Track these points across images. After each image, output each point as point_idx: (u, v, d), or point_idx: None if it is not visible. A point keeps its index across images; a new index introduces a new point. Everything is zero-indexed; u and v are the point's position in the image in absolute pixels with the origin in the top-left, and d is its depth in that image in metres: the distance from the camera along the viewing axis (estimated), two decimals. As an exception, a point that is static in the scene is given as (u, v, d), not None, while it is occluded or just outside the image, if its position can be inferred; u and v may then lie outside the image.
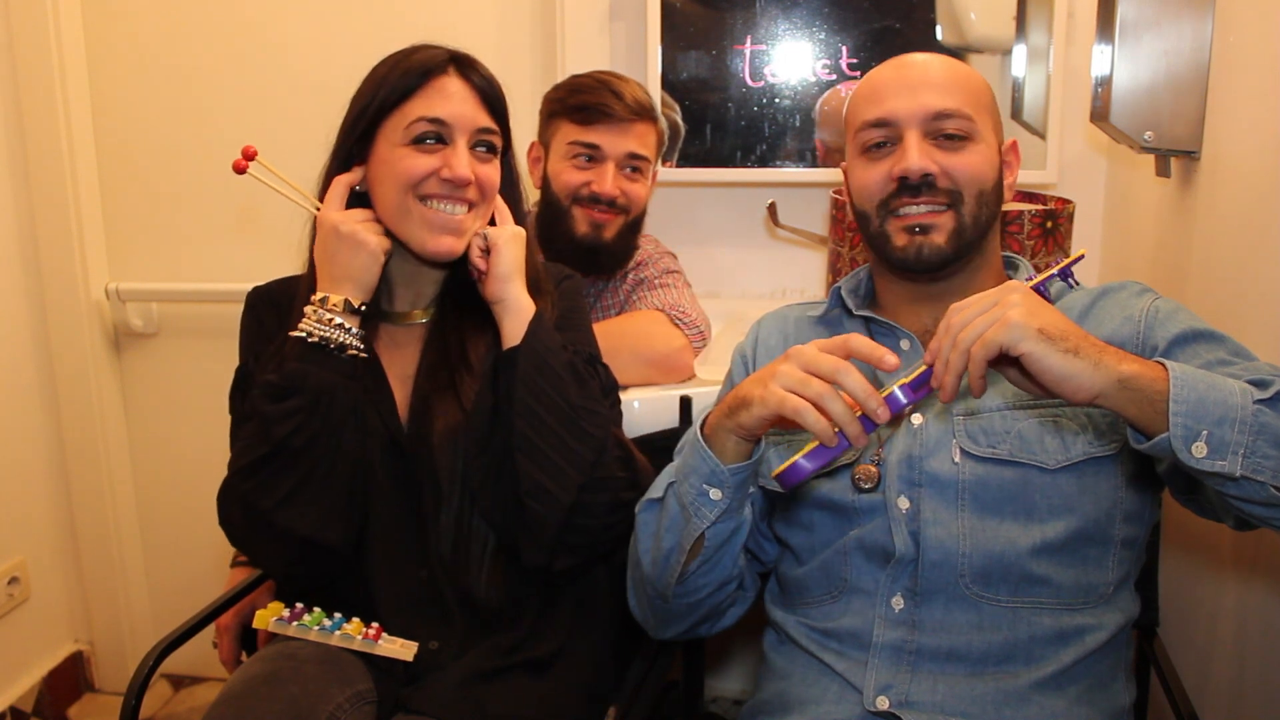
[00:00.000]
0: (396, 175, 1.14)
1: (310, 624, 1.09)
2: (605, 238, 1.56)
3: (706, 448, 0.98)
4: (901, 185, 1.07)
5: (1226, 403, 0.81)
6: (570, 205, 1.55)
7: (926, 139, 1.07)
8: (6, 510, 2.06)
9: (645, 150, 1.57)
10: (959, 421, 1.05)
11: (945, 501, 1.02)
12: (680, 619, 1.12)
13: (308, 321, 1.12)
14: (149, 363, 2.22)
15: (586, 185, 1.54)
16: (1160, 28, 1.33)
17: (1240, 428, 0.80)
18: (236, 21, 2.05)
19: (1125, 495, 1.03)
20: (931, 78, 1.08)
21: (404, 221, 1.16)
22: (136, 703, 1.17)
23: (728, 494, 0.99)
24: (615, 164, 1.54)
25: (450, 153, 1.14)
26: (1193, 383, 0.81)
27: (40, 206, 2.07)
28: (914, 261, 1.08)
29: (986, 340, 0.83)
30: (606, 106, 1.52)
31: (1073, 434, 1.02)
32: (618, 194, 1.54)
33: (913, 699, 0.99)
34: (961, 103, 1.07)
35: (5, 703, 2.04)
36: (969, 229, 1.07)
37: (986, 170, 1.08)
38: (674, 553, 1.03)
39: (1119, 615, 1.04)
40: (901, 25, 1.80)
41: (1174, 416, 0.80)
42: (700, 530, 1.00)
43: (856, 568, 1.06)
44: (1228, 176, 1.28)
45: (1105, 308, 1.07)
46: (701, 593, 1.07)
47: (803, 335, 1.19)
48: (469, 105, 1.15)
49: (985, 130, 1.09)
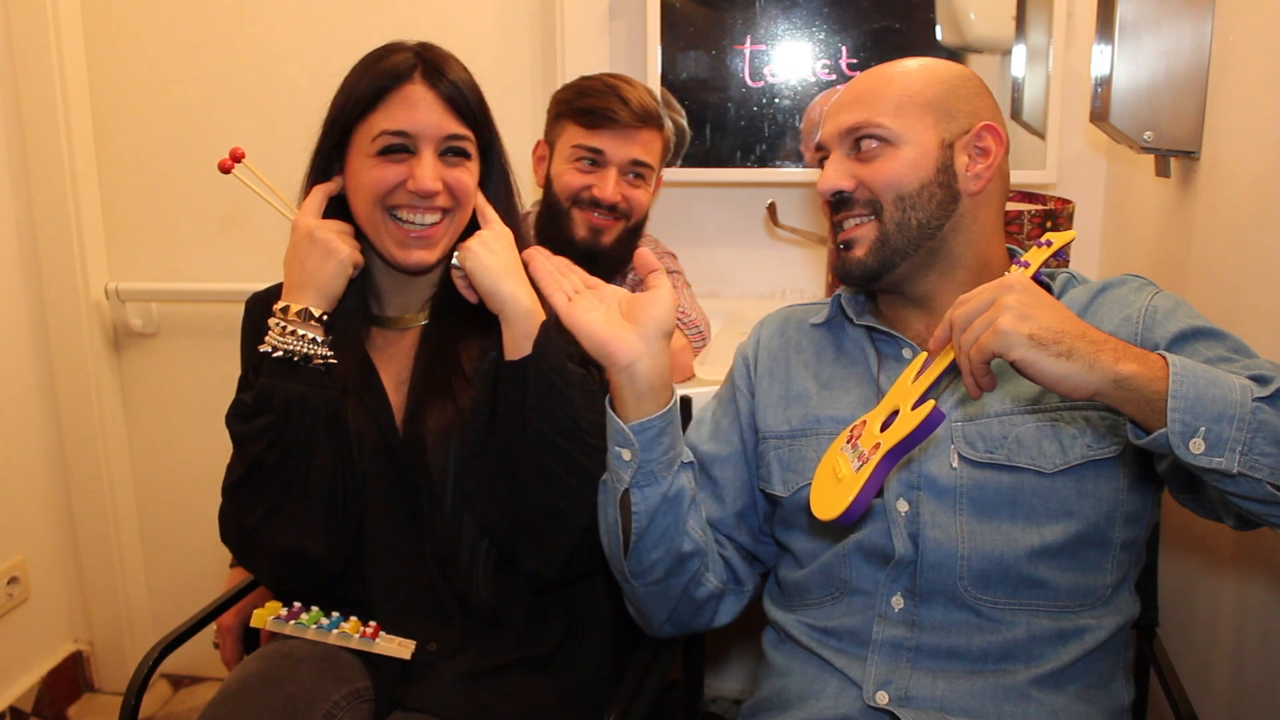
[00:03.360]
0: (365, 187, 1.13)
1: (308, 622, 1.10)
2: (603, 243, 1.56)
3: (611, 411, 1.02)
4: (831, 205, 1.11)
5: (1225, 399, 0.80)
6: (570, 208, 1.55)
7: (847, 156, 1.09)
8: (6, 510, 2.06)
9: (649, 158, 1.56)
10: (957, 426, 1.05)
11: (944, 505, 1.02)
12: (657, 606, 1.11)
13: (272, 335, 1.11)
14: (148, 363, 2.22)
15: (588, 189, 1.53)
16: (1160, 28, 1.33)
17: (1239, 425, 0.80)
18: (236, 22, 2.05)
19: (1127, 497, 1.03)
20: (853, 95, 1.10)
21: (377, 233, 1.15)
22: (136, 703, 1.17)
23: (635, 454, 1.01)
24: (618, 170, 1.54)
25: (416, 163, 1.12)
26: (1192, 378, 0.81)
27: (40, 206, 2.07)
28: (844, 277, 1.11)
29: (981, 346, 0.84)
30: (612, 112, 1.51)
31: (1071, 437, 1.02)
32: (619, 200, 1.54)
33: (912, 694, 1.00)
34: (875, 113, 1.07)
35: (5, 702, 2.04)
36: (893, 235, 1.07)
37: (906, 172, 1.07)
38: (615, 526, 1.05)
39: (1118, 616, 1.04)
40: (901, 25, 1.80)
41: (1172, 413, 0.80)
42: (620, 492, 1.02)
43: (856, 569, 1.06)
44: (1227, 176, 1.28)
45: (1104, 304, 1.07)
46: (657, 570, 1.07)
47: (803, 341, 1.19)
48: (435, 114, 1.12)
49: (913, 132, 1.07)
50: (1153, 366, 0.82)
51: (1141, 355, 0.83)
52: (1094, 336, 0.83)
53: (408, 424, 1.17)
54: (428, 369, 1.18)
